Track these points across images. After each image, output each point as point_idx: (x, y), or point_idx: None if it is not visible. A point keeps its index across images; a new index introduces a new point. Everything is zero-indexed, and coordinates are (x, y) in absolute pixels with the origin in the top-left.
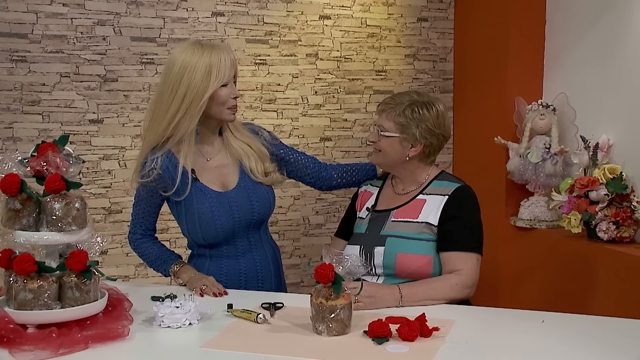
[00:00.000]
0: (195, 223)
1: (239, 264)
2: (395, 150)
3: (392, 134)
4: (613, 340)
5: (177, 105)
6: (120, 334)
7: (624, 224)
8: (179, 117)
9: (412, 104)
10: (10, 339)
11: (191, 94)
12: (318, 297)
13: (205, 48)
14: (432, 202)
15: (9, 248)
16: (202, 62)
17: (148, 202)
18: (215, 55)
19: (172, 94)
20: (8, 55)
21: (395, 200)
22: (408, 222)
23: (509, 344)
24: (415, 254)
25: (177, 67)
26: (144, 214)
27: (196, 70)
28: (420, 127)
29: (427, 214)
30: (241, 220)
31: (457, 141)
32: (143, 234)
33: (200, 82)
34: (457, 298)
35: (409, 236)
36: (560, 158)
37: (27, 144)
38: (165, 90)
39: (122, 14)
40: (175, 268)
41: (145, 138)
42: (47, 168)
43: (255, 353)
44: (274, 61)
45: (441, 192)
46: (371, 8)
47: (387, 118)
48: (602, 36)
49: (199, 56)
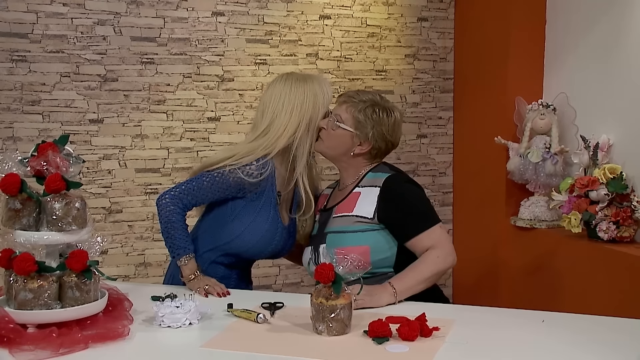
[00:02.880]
0: (256, 236)
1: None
2: (343, 143)
3: (347, 127)
4: (613, 340)
5: (296, 120)
6: (120, 334)
7: (624, 224)
8: (299, 136)
9: (373, 105)
10: (10, 338)
11: (306, 112)
12: (318, 297)
13: (314, 80)
14: (366, 195)
15: (9, 248)
16: (313, 89)
17: (223, 190)
18: (323, 86)
19: (290, 107)
20: (8, 55)
21: (338, 197)
22: (344, 216)
23: (509, 343)
24: (351, 246)
25: (296, 87)
26: (206, 195)
27: (308, 92)
28: (375, 128)
29: (361, 207)
30: (281, 252)
31: (457, 141)
32: (183, 207)
33: (312, 105)
34: (445, 268)
35: (345, 230)
36: (560, 158)
37: (27, 143)
38: (283, 101)
39: (122, 14)
40: (186, 259)
41: (258, 138)
42: (47, 168)
43: (255, 353)
44: (274, 61)
45: (374, 183)
46: (371, 8)
47: (347, 110)
48: (603, 36)
49: (311, 85)
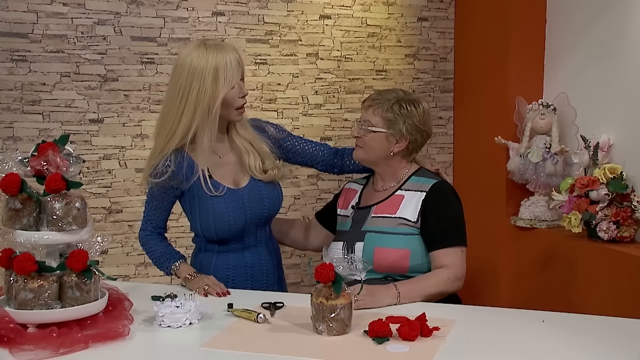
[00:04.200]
0: (209, 219)
1: (245, 258)
2: (380, 146)
3: (379, 129)
4: (613, 340)
5: (190, 113)
6: (120, 334)
7: (624, 224)
8: (196, 125)
9: (399, 101)
10: (10, 338)
11: (203, 101)
12: (318, 297)
13: (210, 50)
14: (410, 198)
15: (10, 247)
16: (210, 67)
17: (160, 199)
18: (220, 58)
19: (184, 101)
20: (8, 55)
21: (375, 197)
22: (386, 217)
23: (509, 343)
24: (392, 248)
25: (186, 73)
26: (156, 210)
27: (204, 76)
28: (407, 122)
29: (405, 209)
30: (253, 217)
31: (457, 141)
32: (152, 230)
33: (211, 89)
34: (450, 291)
35: (386, 231)
36: (560, 158)
37: (27, 143)
38: (175, 96)
39: (122, 14)
40: (177, 265)
41: (157, 141)
42: (47, 168)
43: (255, 353)
44: (274, 61)
45: (419, 188)
46: (371, 8)
47: (375, 113)
48: (603, 36)
49: (205, 60)
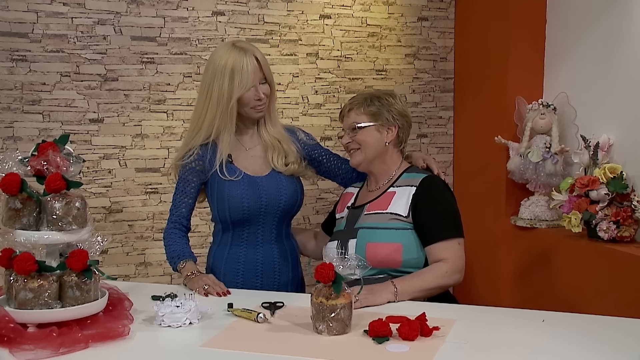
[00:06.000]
0: (224, 201)
1: (257, 254)
2: (374, 138)
3: (368, 124)
4: (613, 339)
5: (213, 108)
6: (120, 334)
7: (624, 224)
8: (217, 122)
9: (375, 96)
10: (10, 338)
11: (222, 98)
12: (318, 297)
13: (232, 52)
14: (401, 194)
15: (10, 247)
16: (228, 68)
17: (185, 182)
18: (238, 62)
19: (208, 97)
20: (8, 55)
21: (369, 196)
22: (378, 213)
23: (509, 343)
24: (384, 242)
25: (210, 71)
26: (181, 195)
27: (223, 75)
28: (391, 110)
29: (396, 205)
30: (268, 206)
31: (457, 141)
32: (175, 221)
33: (227, 88)
34: (449, 284)
35: (378, 226)
36: (560, 157)
37: (27, 143)
38: (202, 91)
39: (122, 13)
40: (183, 263)
41: (187, 134)
42: (47, 167)
43: (255, 352)
44: (274, 60)
45: (409, 183)
46: (371, 7)
47: (357, 113)
48: (603, 35)
49: (225, 61)
